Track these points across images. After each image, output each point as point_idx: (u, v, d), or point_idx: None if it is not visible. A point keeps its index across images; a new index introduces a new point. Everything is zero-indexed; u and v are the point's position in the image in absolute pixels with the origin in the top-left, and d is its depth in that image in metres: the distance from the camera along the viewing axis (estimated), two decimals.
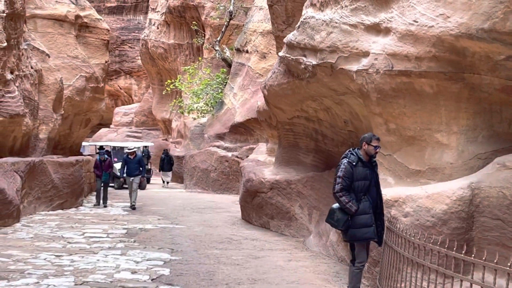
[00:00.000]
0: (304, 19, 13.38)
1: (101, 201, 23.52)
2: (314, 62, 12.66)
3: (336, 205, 8.94)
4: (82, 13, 27.33)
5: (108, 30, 29.83)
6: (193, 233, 16.17)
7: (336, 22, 11.77)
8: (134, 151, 23.47)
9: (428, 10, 9.53)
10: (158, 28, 46.10)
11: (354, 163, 8.84)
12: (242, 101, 31.31)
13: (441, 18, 9.29)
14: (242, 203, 19.11)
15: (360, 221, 8.73)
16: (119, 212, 21.02)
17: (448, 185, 9.30)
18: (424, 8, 9.62)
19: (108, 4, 63.57)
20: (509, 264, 5.84)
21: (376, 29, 10.80)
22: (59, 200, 21.23)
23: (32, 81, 21.64)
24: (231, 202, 24.87)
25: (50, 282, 9.73)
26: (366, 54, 10.93)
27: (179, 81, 38.06)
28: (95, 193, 28.11)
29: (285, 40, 14.77)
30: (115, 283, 9.84)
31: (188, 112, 36.17)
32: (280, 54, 15.30)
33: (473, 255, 6.49)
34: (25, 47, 21.75)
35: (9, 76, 18.73)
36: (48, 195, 20.41)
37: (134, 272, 10.78)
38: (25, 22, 22.78)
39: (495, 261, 6.17)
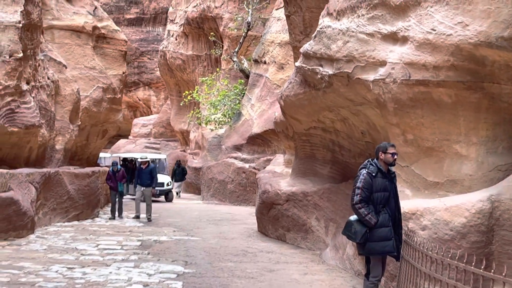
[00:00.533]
0: (321, 28, 13.20)
1: (117, 213, 23.01)
2: (331, 72, 12.46)
3: (353, 217, 8.62)
4: (99, 24, 27.30)
5: (126, 41, 29.81)
6: (208, 245, 15.97)
7: (353, 31, 11.58)
8: (147, 161, 23.17)
9: (446, 18, 9.32)
10: (176, 39, 46.17)
11: (373, 174, 8.53)
12: (260, 112, 31.15)
13: (460, 26, 9.07)
14: (258, 215, 18.90)
15: (380, 234, 8.39)
16: (134, 224, 20.87)
17: (467, 197, 9.06)
18: (442, 16, 9.41)
19: (128, 16, 63.81)
20: None
21: (393, 38, 10.59)
22: (75, 211, 21.14)
23: (48, 92, 21.60)
24: (248, 214, 24.64)
25: None
26: (383, 63, 10.72)
27: (196, 92, 37.99)
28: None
29: (301, 50, 14.59)
30: None
31: (206, 123, 36.11)
32: (297, 64, 15.12)
33: (492, 271, 6.24)
34: (42, 57, 21.73)
35: (25, 86, 18.68)
36: (63, 206, 20.31)
37: (146, 285, 10.59)
38: (42, 32, 22.77)
39: None
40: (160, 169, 35.61)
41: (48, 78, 21.95)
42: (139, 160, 24.28)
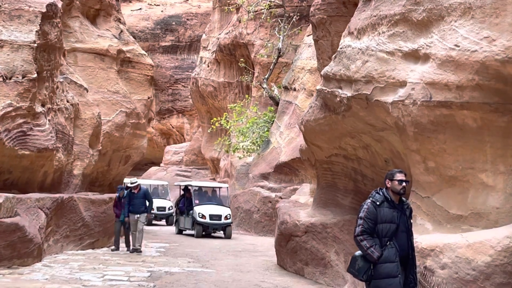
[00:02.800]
0: (341, 48, 12.39)
1: (124, 245, 20.74)
2: (349, 94, 11.59)
3: (358, 252, 7.65)
4: (125, 48, 26.89)
5: (152, 66, 29.39)
6: (220, 278, 15.04)
7: (372, 50, 10.72)
8: (138, 185, 20.28)
9: (472, 33, 8.40)
10: (208, 66, 45.74)
11: (378, 203, 7.53)
12: (288, 140, 30.33)
13: (486, 42, 8.14)
14: (276, 247, 17.96)
15: (384, 270, 7.34)
16: (150, 253, 20.04)
17: (493, 233, 8.05)
18: (466, 31, 8.49)
19: (163, 43, 63.64)
20: None
21: (414, 56, 9.69)
22: (90, 239, 20.37)
23: (67, 115, 21.06)
24: (271, 245, 23.47)
25: None
26: (403, 84, 9.81)
27: (224, 119, 37.31)
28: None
29: (322, 72, 13.79)
30: None
31: (234, 151, 35.39)
32: (317, 87, 14.30)
33: None
34: (61, 80, 21.23)
35: (39, 109, 18.12)
36: (77, 233, 19.57)
37: None
38: (64, 55, 22.33)
39: None
40: (164, 195, 38.24)
41: (67, 101, 21.45)
42: (129, 184, 20.75)
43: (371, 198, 7.63)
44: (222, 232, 28.15)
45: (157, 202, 33.08)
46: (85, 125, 22.77)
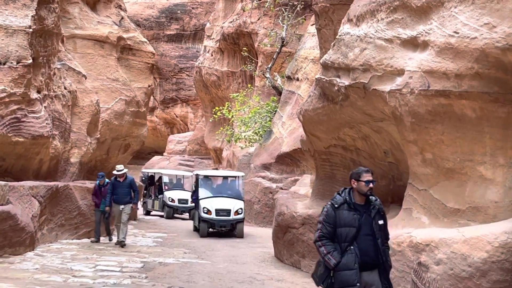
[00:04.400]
0: (340, 36, 12.11)
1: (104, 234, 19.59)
2: (347, 83, 11.28)
3: None
4: (125, 35, 26.56)
5: (153, 54, 29.04)
6: (214, 270, 14.73)
7: (371, 37, 10.41)
8: (124, 173, 18.64)
9: (471, 19, 8.06)
10: (212, 55, 45.39)
11: (336, 205, 6.93)
12: (290, 131, 29.95)
13: (486, 28, 7.80)
14: (274, 239, 17.65)
15: (342, 278, 6.75)
16: (146, 243, 19.76)
17: (490, 228, 7.74)
18: (466, 17, 8.15)
19: (168, 32, 63.16)
20: None
21: (413, 43, 9.37)
22: (86, 228, 20.04)
23: (64, 102, 20.77)
24: (270, 237, 23.20)
25: None
26: (401, 72, 9.49)
27: (226, 109, 36.98)
28: (133, 222, 27.18)
29: (321, 60, 13.47)
30: None
31: (236, 141, 35.07)
32: (316, 76, 13.98)
33: None
34: (59, 66, 20.94)
35: (34, 95, 17.81)
36: (73, 222, 19.27)
37: None
38: (62, 41, 22.02)
39: None
40: (187, 187, 34.97)
41: (65, 88, 21.15)
42: (114, 172, 18.92)
43: (331, 201, 7.09)
44: (232, 230, 23.51)
45: (178, 194, 32.80)
46: (83, 112, 22.48)
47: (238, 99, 35.82)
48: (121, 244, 18.03)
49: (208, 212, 22.67)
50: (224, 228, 23.11)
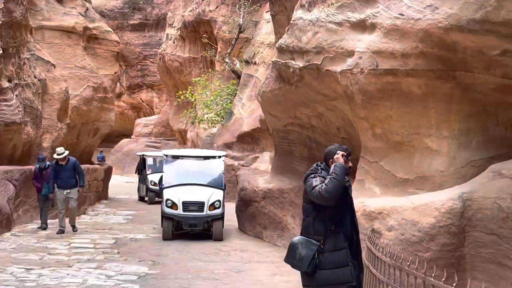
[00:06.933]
0: (293, 21, 12.02)
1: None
2: (301, 65, 11.24)
3: (297, 239, 6.05)
4: (91, 25, 26.11)
5: (118, 42, 28.63)
6: (183, 243, 14.69)
7: (322, 21, 10.34)
8: (65, 156, 16.18)
9: (415, 1, 8.05)
10: (174, 42, 44.94)
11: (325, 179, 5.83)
12: (250, 111, 29.83)
13: (429, 10, 7.79)
14: (237, 213, 17.64)
15: (333, 259, 5.81)
16: (118, 221, 19.63)
17: (437, 195, 7.77)
18: None
19: (131, 22, 62.38)
20: None
21: (362, 26, 9.33)
22: None
23: (34, 90, 20.38)
24: (233, 211, 23.33)
25: None
26: (351, 53, 9.45)
27: (189, 93, 36.73)
28: (104, 201, 26.94)
29: (276, 44, 13.42)
30: None
31: (199, 123, 34.90)
32: (272, 59, 13.93)
33: (454, 284, 4.95)
34: (28, 56, 20.52)
35: (6, 84, 17.49)
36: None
37: None
38: (31, 32, 21.57)
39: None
40: None
41: (35, 77, 20.75)
42: (55, 155, 16.37)
43: (317, 174, 6.03)
44: (206, 230, 15.87)
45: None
46: (53, 99, 22.09)
47: (200, 83, 35.53)
48: (73, 229, 16.14)
49: (173, 206, 15.44)
50: (196, 228, 15.60)
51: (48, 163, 17.10)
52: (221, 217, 15.62)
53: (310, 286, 5.99)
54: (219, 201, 15.66)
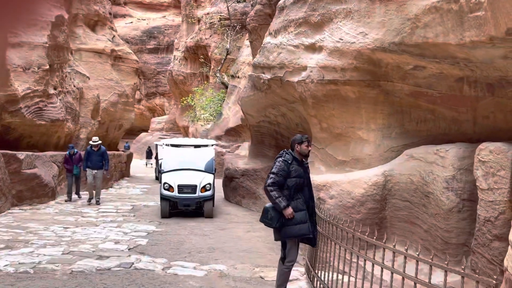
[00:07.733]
0: (264, 44, 11.88)
1: (74, 194, 16.45)
2: (269, 77, 11.12)
3: (269, 204, 6.04)
4: (116, 48, 25.68)
5: (137, 61, 28.19)
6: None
7: (284, 45, 10.24)
8: (98, 144, 15.63)
9: (351, 29, 7.97)
10: (179, 62, 44.49)
11: (289, 162, 5.96)
12: (234, 112, 29.60)
13: (361, 36, 7.72)
14: (223, 186, 17.49)
15: (295, 217, 5.84)
16: (135, 192, 19.36)
17: (366, 172, 7.74)
18: (348, 28, 8.06)
19: (148, 46, 61.66)
20: (405, 247, 4.26)
21: (312, 48, 9.23)
22: None
23: (74, 96, 20.04)
24: (221, 185, 23.15)
25: (43, 252, 8.15)
26: (304, 68, 9.36)
27: (190, 99, 36.43)
28: (126, 178, 26.62)
29: (252, 62, 13.25)
30: (96, 252, 8.25)
31: (197, 121, 34.64)
32: (249, 73, 13.77)
33: (374, 237, 4.89)
34: (69, 71, 20.14)
35: (52, 91, 17.14)
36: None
37: (117, 242, 9.17)
38: (71, 53, 21.17)
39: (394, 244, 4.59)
40: None
41: (74, 86, 20.39)
42: (91, 142, 15.73)
43: (282, 157, 6.06)
44: (198, 209, 13.83)
45: None
46: (87, 103, 21.75)
47: (198, 92, 35.28)
48: (97, 202, 15.13)
49: (170, 188, 13.41)
50: (189, 208, 13.55)
51: (76, 150, 16.46)
52: (211, 198, 13.56)
53: (279, 239, 6.01)
54: (209, 184, 13.56)
